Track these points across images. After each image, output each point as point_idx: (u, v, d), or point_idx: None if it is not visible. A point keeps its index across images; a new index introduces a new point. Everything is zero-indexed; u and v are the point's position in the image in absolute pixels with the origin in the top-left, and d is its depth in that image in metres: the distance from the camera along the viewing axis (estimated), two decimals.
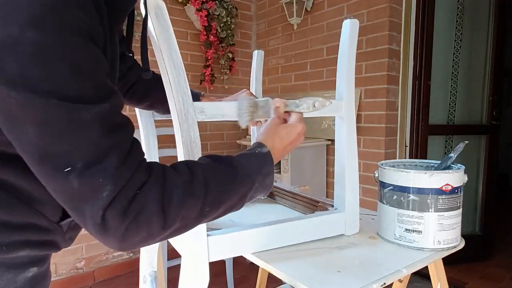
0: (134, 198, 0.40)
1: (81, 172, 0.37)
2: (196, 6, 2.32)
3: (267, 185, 0.57)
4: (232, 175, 0.52)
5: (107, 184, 0.38)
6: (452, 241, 0.76)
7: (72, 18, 0.36)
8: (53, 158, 0.37)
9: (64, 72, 0.36)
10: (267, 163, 0.57)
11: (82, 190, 0.37)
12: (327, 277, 0.63)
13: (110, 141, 0.39)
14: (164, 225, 0.43)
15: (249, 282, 2.10)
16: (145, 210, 0.40)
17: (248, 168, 0.54)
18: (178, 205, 0.44)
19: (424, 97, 2.06)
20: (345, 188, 0.82)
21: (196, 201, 0.46)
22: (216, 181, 0.49)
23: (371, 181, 2.01)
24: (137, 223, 0.40)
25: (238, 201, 0.53)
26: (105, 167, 0.38)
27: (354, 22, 0.79)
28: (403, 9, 1.99)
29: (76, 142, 0.37)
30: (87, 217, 0.39)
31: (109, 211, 0.38)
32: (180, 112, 0.61)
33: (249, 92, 0.91)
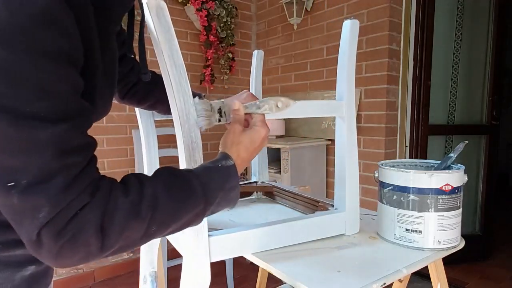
0: (72, 220, 0.40)
1: (23, 190, 0.37)
2: (196, 6, 2.32)
3: (232, 198, 0.56)
4: (188, 193, 0.50)
5: (46, 205, 0.38)
6: (452, 241, 0.76)
7: (42, 39, 0.37)
8: (1, 171, 0.37)
9: (25, 91, 0.36)
10: (231, 178, 0.56)
11: (21, 207, 0.38)
12: (327, 277, 0.63)
13: (60, 164, 0.39)
14: (102, 247, 0.42)
15: (249, 282, 2.10)
16: (82, 232, 0.40)
17: (208, 185, 0.53)
18: (119, 227, 0.43)
19: (424, 97, 2.06)
20: (345, 188, 0.82)
21: (141, 223, 0.45)
22: (167, 200, 0.48)
23: (371, 181, 2.01)
24: (72, 244, 0.40)
25: (193, 217, 0.52)
26: (48, 189, 0.38)
27: (355, 23, 0.79)
28: (403, 9, 1.99)
29: (25, 160, 0.37)
30: (24, 232, 0.39)
31: (44, 231, 0.38)
32: (181, 113, 0.61)
33: (250, 93, 0.91)
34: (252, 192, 1.17)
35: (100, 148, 2.12)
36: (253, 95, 0.92)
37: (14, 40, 0.35)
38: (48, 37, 0.37)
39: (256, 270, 1.23)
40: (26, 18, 0.36)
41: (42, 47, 0.37)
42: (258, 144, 0.62)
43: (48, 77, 0.37)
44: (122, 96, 0.86)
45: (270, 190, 1.13)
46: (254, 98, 0.91)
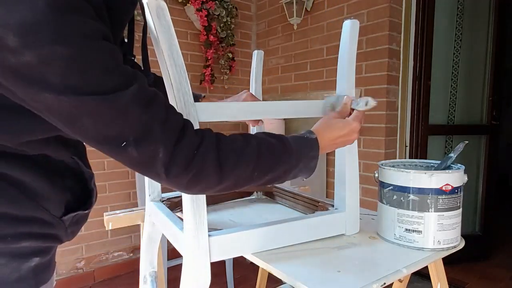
0: (193, 157, 0.49)
1: (135, 143, 0.46)
2: (196, 6, 2.32)
3: (311, 167, 0.64)
4: (282, 149, 0.59)
5: (159, 146, 0.47)
6: (452, 241, 0.76)
7: (87, 27, 0.42)
8: (111, 139, 0.45)
9: (96, 72, 0.42)
10: (314, 148, 0.64)
11: (142, 157, 0.47)
12: (327, 277, 0.63)
13: (149, 113, 0.46)
14: (220, 180, 0.52)
15: (249, 282, 2.10)
16: (203, 167, 0.50)
17: (296, 148, 0.61)
18: (232, 165, 0.53)
19: (424, 97, 2.06)
20: (345, 188, 0.82)
21: (248, 164, 0.54)
22: (267, 150, 0.57)
23: (371, 181, 2.01)
24: (197, 178, 0.50)
25: (283, 173, 0.60)
26: (151, 135, 0.46)
27: (355, 23, 0.79)
28: (403, 9, 1.99)
29: (123, 123, 0.45)
30: (156, 176, 0.49)
31: (170, 169, 0.48)
32: (181, 112, 0.61)
33: (250, 93, 0.91)
34: (252, 192, 1.17)
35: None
36: (253, 95, 0.92)
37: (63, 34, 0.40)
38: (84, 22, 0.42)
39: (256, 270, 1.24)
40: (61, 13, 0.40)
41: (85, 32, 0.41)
42: (344, 133, 0.69)
43: (103, 55, 0.43)
44: None
45: (270, 190, 1.13)
46: (254, 98, 0.91)
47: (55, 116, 0.43)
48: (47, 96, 0.41)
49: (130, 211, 1.01)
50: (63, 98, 0.41)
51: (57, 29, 0.39)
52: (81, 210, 0.59)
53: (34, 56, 0.39)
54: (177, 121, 0.50)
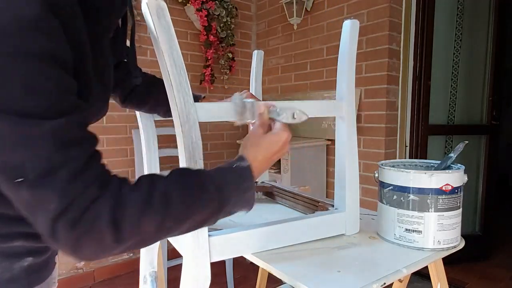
0: (85, 212, 0.41)
1: (31, 184, 0.39)
2: (196, 6, 2.32)
3: (248, 199, 0.57)
4: (201, 191, 0.51)
5: (54, 197, 0.39)
6: (452, 241, 0.76)
7: (28, 42, 0.38)
8: (6, 169, 0.39)
9: (16, 91, 0.38)
10: (246, 178, 0.57)
11: (32, 201, 0.40)
12: (327, 277, 0.63)
13: (62, 157, 0.40)
14: (117, 240, 0.43)
15: (249, 282, 2.10)
16: (95, 225, 0.41)
17: (222, 183, 0.53)
18: (132, 220, 0.44)
19: (424, 97, 2.06)
20: (345, 188, 0.82)
21: (155, 217, 0.46)
22: (180, 196, 0.48)
23: (371, 181, 2.01)
24: (86, 237, 0.41)
25: (209, 215, 0.52)
26: (54, 181, 0.39)
27: (355, 23, 0.79)
28: (403, 9, 1.99)
29: (27, 156, 0.38)
30: (39, 225, 0.41)
31: (56, 224, 0.40)
32: (181, 113, 0.61)
33: (250, 93, 0.91)
34: None
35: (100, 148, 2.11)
36: (253, 95, 0.92)
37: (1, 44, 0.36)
38: (30, 38, 0.38)
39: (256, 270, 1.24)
40: (10, 22, 0.37)
41: (26, 48, 0.38)
42: (277, 148, 0.62)
43: (35, 76, 0.39)
44: (123, 100, 0.87)
45: (270, 190, 1.13)
46: (254, 98, 0.91)
47: None
48: None
49: None
50: None
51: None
52: None
53: None
54: (90, 175, 0.43)
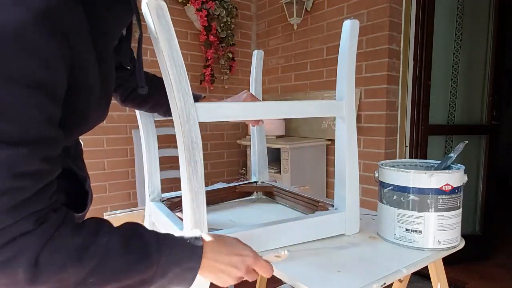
0: (8, 243, 0.39)
1: None
2: (196, 6, 2.32)
3: (187, 279, 0.52)
4: (141, 256, 0.48)
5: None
6: (452, 241, 0.76)
7: (11, 66, 0.37)
8: None
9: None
10: (193, 258, 0.52)
11: None
12: (327, 277, 0.63)
13: (8, 185, 0.39)
14: (31, 282, 0.41)
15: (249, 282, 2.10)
16: (14, 260, 0.40)
17: (167, 256, 0.50)
18: (55, 267, 0.42)
19: (424, 97, 2.06)
20: (345, 188, 0.82)
21: (81, 269, 0.43)
22: (118, 256, 0.46)
23: (371, 181, 2.01)
24: (1, 269, 0.40)
25: (138, 283, 0.48)
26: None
27: (354, 23, 0.79)
28: (403, 9, 1.99)
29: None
30: None
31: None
32: (181, 113, 0.61)
33: (250, 94, 0.91)
34: (252, 192, 1.17)
35: (100, 148, 2.13)
36: (253, 95, 0.92)
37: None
38: (18, 62, 0.37)
39: None
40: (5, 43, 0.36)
41: (9, 71, 0.37)
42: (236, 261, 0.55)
43: (11, 101, 0.38)
44: (123, 99, 0.87)
45: (270, 190, 1.13)
46: (254, 98, 0.91)
47: None
48: None
49: (130, 211, 1.02)
50: None
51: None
52: (76, 212, 0.57)
53: None
54: (30, 209, 0.41)
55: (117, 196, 2.22)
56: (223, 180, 2.63)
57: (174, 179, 2.26)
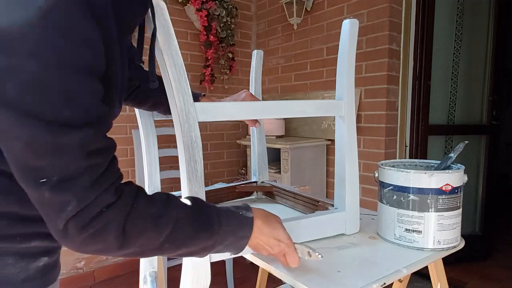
0: (97, 216, 0.45)
1: (53, 186, 0.42)
2: (196, 6, 2.32)
3: (239, 247, 0.60)
4: (206, 226, 0.55)
5: (73, 200, 0.43)
6: (452, 241, 0.76)
7: (70, 54, 0.40)
8: (32, 170, 0.42)
9: (55, 101, 0.40)
10: (245, 228, 0.59)
11: (51, 201, 0.43)
12: (327, 277, 0.63)
13: (86, 164, 0.43)
14: (121, 247, 0.47)
15: (249, 282, 2.10)
16: (104, 230, 0.45)
17: (225, 226, 0.57)
18: (138, 233, 0.48)
19: (424, 97, 2.06)
20: (345, 187, 0.82)
21: (158, 236, 0.50)
22: (187, 225, 0.53)
23: (371, 181, 2.01)
24: (93, 239, 0.45)
25: (201, 250, 0.56)
26: (75, 185, 0.43)
27: (354, 22, 0.79)
28: (403, 9, 1.99)
29: (55, 160, 0.42)
30: (53, 224, 0.44)
31: (70, 224, 0.44)
32: (181, 112, 0.61)
33: (249, 93, 0.91)
34: (252, 192, 1.17)
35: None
36: (252, 94, 0.92)
37: (42, 52, 0.38)
38: (74, 49, 0.41)
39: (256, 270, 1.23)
40: (54, 31, 0.39)
41: (68, 60, 0.40)
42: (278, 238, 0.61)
43: (73, 87, 0.41)
44: (125, 98, 0.88)
45: (270, 190, 1.13)
46: (253, 97, 0.91)
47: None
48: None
49: None
50: (6, 113, 0.39)
51: (38, 44, 0.38)
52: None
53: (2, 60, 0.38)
54: (107, 183, 0.46)
55: None
56: (223, 180, 2.63)
57: (174, 179, 2.26)
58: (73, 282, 2.08)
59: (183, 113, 0.61)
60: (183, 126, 0.61)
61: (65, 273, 2.07)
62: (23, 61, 0.38)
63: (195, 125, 0.62)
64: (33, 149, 0.41)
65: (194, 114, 0.62)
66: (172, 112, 0.63)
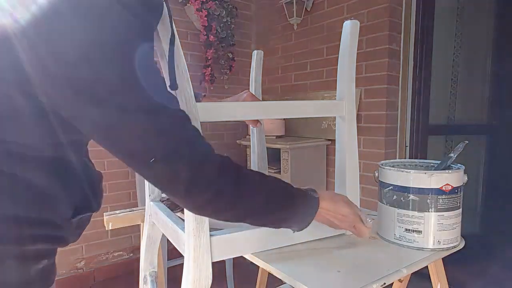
0: (216, 177, 0.52)
1: (163, 161, 0.47)
2: (196, 6, 2.32)
3: (306, 221, 0.66)
4: (290, 195, 0.63)
5: (184, 167, 0.48)
6: (452, 241, 0.76)
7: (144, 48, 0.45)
8: (142, 154, 0.47)
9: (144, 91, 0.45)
10: (313, 206, 0.66)
11: (166, 174, 0.49)
12: (327, 277, 0.63)
13: (182, 134, 0.50)
14: (235, 205, 0.55)
15: (249, 282, 2.10)
16: (224, 189, 0.53)
17: (298, 203, 0.64)
18: (251, 192, 0.57)
19: (424, 97, 2.06)
20: (345, 188, 0.82)
21: (265, 197, 0.59)
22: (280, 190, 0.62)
23: (371, 181, 2.01)
24: (215, 198, 0.52)
25: (281, 220, 0.64)
26: (179, 154, 0.48)
27: (355, 23, 0.79)
28: (403, 9, 1.99)
29: (158, 140, 0.47)
30: (174, 192, 0.51)
31: (191, 188, 0.50)
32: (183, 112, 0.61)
33: (250, 93, 0.91)
34: None
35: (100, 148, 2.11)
36: (253, 95, 0.92)
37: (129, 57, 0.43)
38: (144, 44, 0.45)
39: (256, 270, 1.24)
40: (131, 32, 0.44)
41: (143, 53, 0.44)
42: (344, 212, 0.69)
43: (153, 76, 0.47)
44: None
45: None
46: (254, 98, 0.92)
47: (92, 128, 0.46)
48: (92, 110, 0.43)
49: (130, 211, 1.02)
50: (106, 112, 0.43)
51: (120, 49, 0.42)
52: (89, 211, 0.59)
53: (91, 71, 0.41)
54: (202, 144, 0.52)
55: (117, 196, 2.22)
56: None
57: None
58: (73, 282, 2.09)
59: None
60: None
61: (65, 273, 2.07)
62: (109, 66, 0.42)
63: (197, 126, 0.62)
64: (138, 136, 0.45)
65: (196, 114, 0.62)
66: None
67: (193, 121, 0.60)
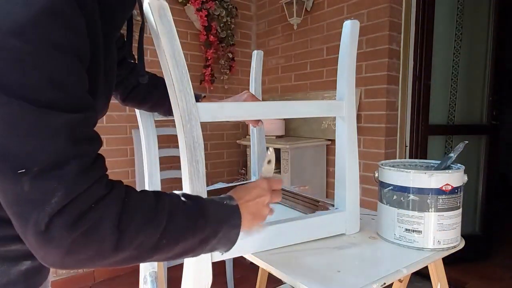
0: (88, 211, 0.39)
1: (36, 176, 0.37)
2: (196, 6, 2.32)
3: (232, 238, 0.57)
4: (199, 214, 0.52)
5: (60, 190, 0.37)
6: (452, 241, 0.76)
7: (54, 33, 0.38)
8: (11, 158, 0.37)
9: (39, 80, 0.37)
10: (235, 215, 0.57)
11: (31, 194, 0.37)
12: (327, 277, 0.63)
13: (74, 151, 0.39)
14: (116, 247, 0.41)
15: (249, 282, 2.10)
16: (98, 225, 0.40)
17: (215, 215, 0.54)
18: (136, 228, 0.43)
19: (424, 97, 2.06)
20: (345, 187, 0.82)
21: (156, 230, 0.45)
22: (181, 216, 0.49)
23: (371, 181, 2.01)
24: (86, 238, 0.39)
25: (198, 244, 0.52)
26: (62, 174, 0.38)
27: (355, 23, 0.79)
28: (403, 9, 1.99)
29: (38, 146, 0.37)
30: (30, 224, 0.37)
31: (55, 220, 0.37)
32: (183, 113, 0.61)
33: (250, 94, 0.91)
34: None
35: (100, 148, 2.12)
36: (253, 95, 0.93)
37: (28, 31, 0.36)
38: (60, 31, 0.38)
39: (256, 270, 1.24)
40: (39, 12, 0.37)
41: (54, 40, 0.38)
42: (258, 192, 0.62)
43: (59, 68, 0.38)
44: (124, 98, 0.87)
45: None
46: (255, 98, 0.92)
47: None
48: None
49: None
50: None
51: (25, 24, 0.36)
52: None
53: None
54: (98, 173, 0.42)
55: None
56: (223, 180, 2.63)
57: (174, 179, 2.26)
58: (73, 282, 2.09)
59: (185, 113, 0.61)
60: (185, 126, 0.61)
61: (65, 273, 2.07)
62: (6, 39, 0.35)
63: (197, 126, 0.62)
64: (14, 132, 0.36)
65: (196, 114, 0.62)
66: (174, 112, 0.63)
67: (192, 121, 0.60)
